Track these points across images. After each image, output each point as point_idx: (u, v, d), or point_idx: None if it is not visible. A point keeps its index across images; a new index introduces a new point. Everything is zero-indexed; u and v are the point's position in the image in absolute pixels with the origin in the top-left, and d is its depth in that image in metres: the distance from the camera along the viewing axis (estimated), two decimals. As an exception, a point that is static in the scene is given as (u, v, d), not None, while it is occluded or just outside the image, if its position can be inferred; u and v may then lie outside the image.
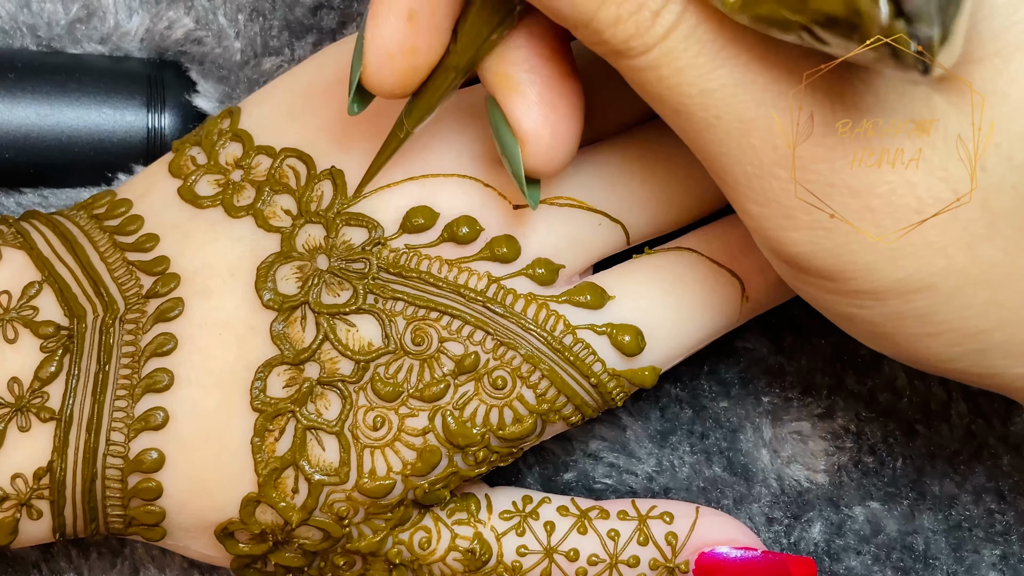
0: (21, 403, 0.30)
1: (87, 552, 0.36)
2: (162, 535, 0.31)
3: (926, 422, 0.36)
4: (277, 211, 0.32)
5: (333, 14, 0.38)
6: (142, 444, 0.30)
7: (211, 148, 0.33)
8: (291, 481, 0.30)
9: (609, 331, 0.31)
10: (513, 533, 0.33)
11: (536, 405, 0.31)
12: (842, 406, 0.37)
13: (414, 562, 0.32)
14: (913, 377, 0.36)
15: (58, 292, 0.31)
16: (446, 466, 0.31)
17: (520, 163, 0.29)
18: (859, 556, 0.36)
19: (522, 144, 0.28)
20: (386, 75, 0.28)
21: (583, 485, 0.36)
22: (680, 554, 0.33)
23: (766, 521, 0.36)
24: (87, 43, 0.38)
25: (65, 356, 0.30)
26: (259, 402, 0.30)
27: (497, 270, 0.31)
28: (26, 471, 0.30)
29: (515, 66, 0.28)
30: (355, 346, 0.30)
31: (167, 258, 0.31)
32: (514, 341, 0.31)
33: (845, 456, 0.36)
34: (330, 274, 0.31)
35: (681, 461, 0.36)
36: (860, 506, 0.36)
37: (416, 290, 0.31)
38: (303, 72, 0.34)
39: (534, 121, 0.28)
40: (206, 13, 0.38)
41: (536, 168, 0.29)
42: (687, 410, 0.37)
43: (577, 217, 0.32)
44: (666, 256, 0.33)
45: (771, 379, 0.37)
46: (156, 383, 0.30)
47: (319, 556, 0.32)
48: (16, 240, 0.32)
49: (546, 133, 0.28)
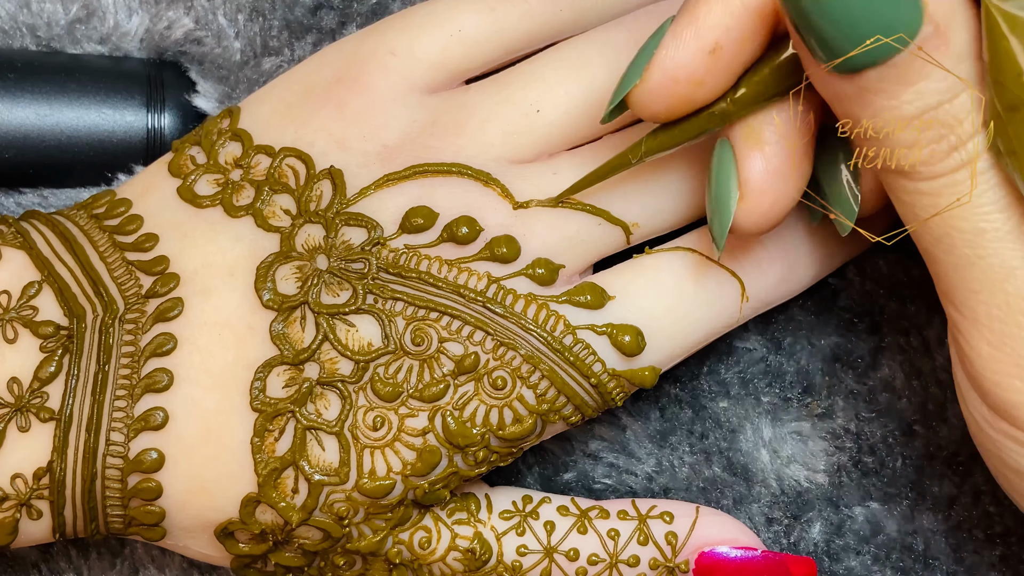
0: (21, 403, 0.30)
1: (87, 552, 0.36)
2: (162, 535, 0.31)
3: (925, 422, 0.36)
4: (276, 211, 0.32)
5: (333, 14, 0.38)
6: (142, 444, 0.30)
7: (211, 148, 0.33)
8: (291, 481, 0.30)
9: (609, 331, 0.31)
10: (513, 533, 0.33)
11: (536, 405, 0.31)
12: (842, 406, 0.37)
13: (414, 562, 0.32)
14: (912, 377, 0.36)
15: (58, 292, 0.31)
16: (446, 466, 0.31)
17: (731, 213, 0.29)
18: (859, 556, 0.36)
19: (742, 198, 0.29)
20: (662, 99, 0.28)
21: (583, 485, 0.36)
22: (680, 554, 0.33)
23: (766, 521, 0.36)
24: (87, 43, 0.38)
25: (65, 356, 0.30)
26: (259, 402, 0.30)
27: (497, 270, 0.31)
28: (26, 471, 0.30)
29: (769, 127, 0.28)
30: (355, 346, 0.30)
31: (166, 258, 0.31)
32: (514, 341, 0.31)
33: (845, 456, 0.36)
34: (330, 274, 0.31)
35: (681, 461, 0.36)
36: (860, 506, 0.36)
37: (416, 290, 0.31)
38: (303, 72, 0.34)
39: (764, 183, 0.29)
40: (206, 13, 0.38)
41: (742, 224, 0.29)
42: (687, 410, 0.37)
43: (577, 217, 0.32)
44: (666, 256, 0.33)
45: (771, 379, 0.37)
46: (156, 383, 0.30)
47: (319, 556, 0.32)
48: (16, 240, 0.32)
49: (768, 199, 0.29)
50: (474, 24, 0.33)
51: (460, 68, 0.33)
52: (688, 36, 0.27)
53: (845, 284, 0.37)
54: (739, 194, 0.29)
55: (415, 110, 0.33)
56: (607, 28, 0.34)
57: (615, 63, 0.33)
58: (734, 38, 0.27)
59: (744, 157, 0.29)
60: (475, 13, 0.33)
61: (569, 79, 0.33)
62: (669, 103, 0.28)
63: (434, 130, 0.32)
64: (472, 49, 0.33)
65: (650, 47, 0.28)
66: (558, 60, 0.33)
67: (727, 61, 0.27)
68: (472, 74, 0.34)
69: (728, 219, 0.29)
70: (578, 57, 0.33)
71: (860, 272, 0.37)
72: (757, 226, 0.29)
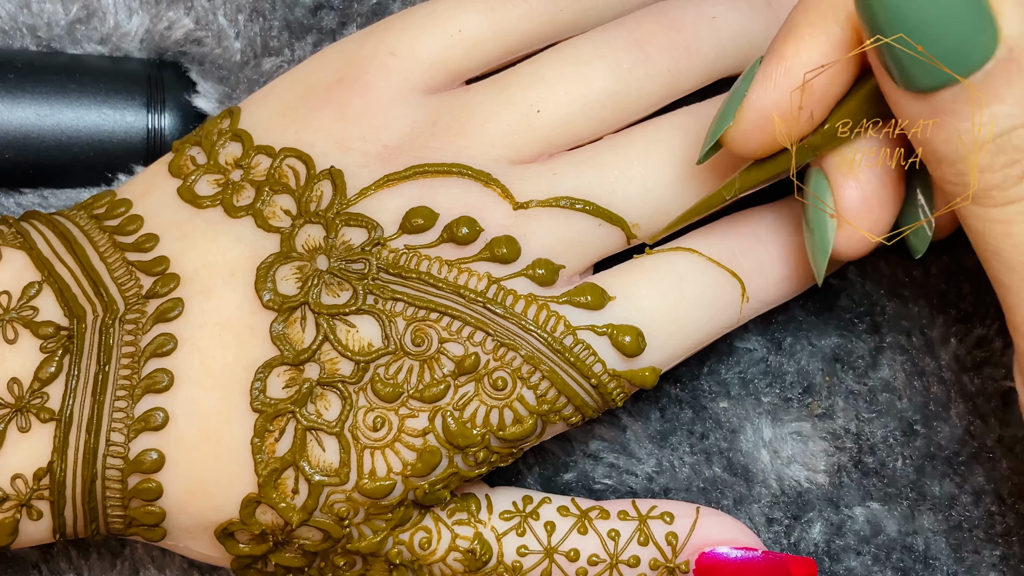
0: (21, 404, 0.30)
1: (87, 553, 0.36)
2: (162, 535, 0.31)
3: (926, 422, 0.36)
4: (277, 211, 0.32)
5: (333, 14, 0.38)
6: (142, 444, 0.30)
7: (211, 148, 0.33)
8: (291, 482, 0.30)
9: (609, 332, 0.31)
10: (513, 533, 0.33)
11: (536, 406, 0.31)
12: (842, 406, 0.37)
13: (414, 562, 0.32)
14: (912, 377, 0.36)
15: (58, 292, 0.31)
16: (446, 467, 0.31)
17: (830, 240, 0.30)
18: (859, 556, 0.36)
19: (840, 225, 0.29)
20: (756, 137, 0.29)
21: (583, 485, 0.36)
22: (680, 554, 0.33)
23: (766, 521, 0.36)
24: (87, 43, 0.38)
25: (65, 356, 0.30)
26: (259, 403, 0.30)
27: (497, 271, 0.31)
28: (26, 472, 0.30)
29: (860, 155, 0.29)
30: (355, 347, 0.30)
31: (167, 258, 0.31)
32: (514, 342, 0.31)
33: (845, 456, 0.36)
34: (330, 274, 0.31)
35: (681, 461, 0.36)
36: (860, 506, 0.36)
37: (416, 291, 0.31)
38: (303, 72, 0.34)
39: (860, 210, 0.29)
40: (206, 13, 0.38)
41: (842, 251, 0.30)
42: (687, 410, 0.37)
43: (577, 218, 0.32)
44: (666, 256, 0.33)
45: (771, 379, 0.37)
46: (156, 383, 0.30)
47: (319, 556, 0.32)
48: (16, 240, 0.32)
49: (866, 225, 0.29)
50: (474, 24, 0.33)
51: (460, 68, 0.33)
52: (777, 75, 0.28)
53: (845, 284, 0.37)
54: (836, 222, 0.29)
55: (415, 110, 0.33)
56: (607, 28, 0.34)
57: (615, 63, 0.33)
58: (823, 76, 0.28)
59: (838, 185, 0.29)
60: (476, 13, 0.33)
61: (569, 80, 0.33)
62: (763, 142, 0.29)
63: (434, 130, 0.32)
64: (472, 49, 0.33)
65: (741, 89, 0.29)
66: (558, 60, 0.33)
67: (818, 98, 0.28)
68: (472, 74, 0.34)
69: (828, 247, 0.30)
70: (578, 57, 0.33)
71: (860, 272, 0.37)
72: (856, 252, 0.30)
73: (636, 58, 0.33)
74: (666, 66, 0.33)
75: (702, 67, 0.34)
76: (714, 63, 0.34)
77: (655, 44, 0.33)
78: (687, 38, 0.34)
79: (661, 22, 0.34)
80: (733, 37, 0.34)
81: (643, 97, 0.33)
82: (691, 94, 0.35)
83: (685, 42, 0.33)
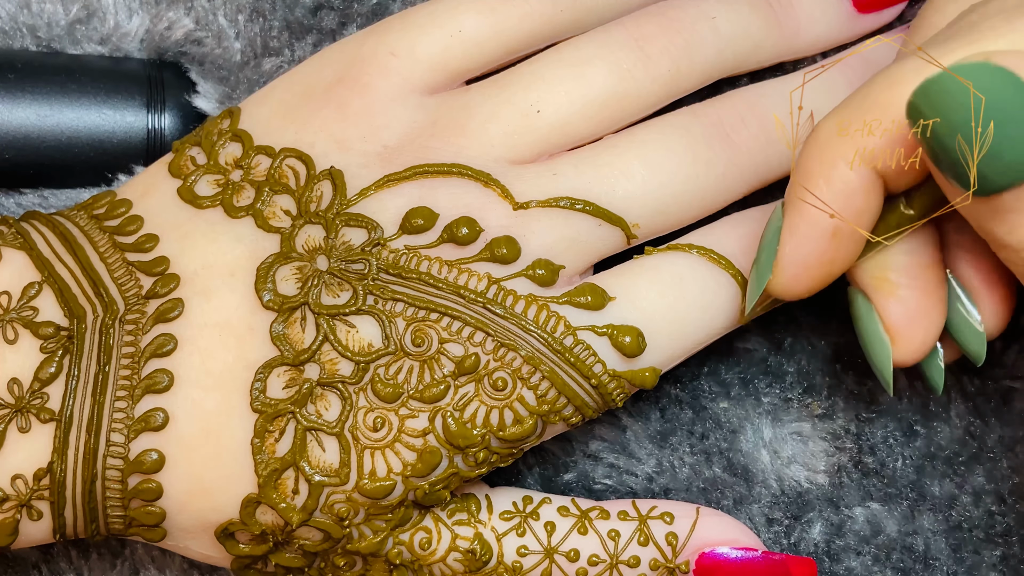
0: (21, 404, 0.30)
1: (87, 553, 0.36)
2: (162, 536, 0.31)
3: (926, 422, 0.36)
4: (277, 211, 0.32)
5: (333, 14, 0.38)
6: (142, 445, 0.30)
7: (211, 148, 0.33)
8: (291, 482, 0.30)
9: (610, 332, 0.31)
10: (513, 533, 0.33)
11: (536, 406, 0.31)
12: (842, 406, 0.37)
13: (414, 563, 0.32)
14: (913, 377, 0.36)
15: (58, 293, 0.31)
16: (446, 467, 0.31)
17: (889, 358, 0.31)
18: (859, 557, 0.36)
19: (894, 342, 0.30)
20: (801, 284, 0.30)
21: (583, 486, 0.36)
22: (680, 554, 0.33)
23: (766, 522, 0.36)
24: (87, 44, 0.38)
25: (65, 357, 0.30)
26: (259, 403, 0.30)
27: (497, 271, 0.31)
28: (26, 472, 0.30)
29: (896, 272, 0.30)
30: (355, 347, 0.30)
31: (167, 258, 0.31)
32: (514, 342, 0.31)
33: (845, 456, 0.36)
34: (330, 275, 0.31)
35: (681, 462, 0.36)
36: (860, 507, 0.36)
37: (416, 291, 0.31)
38: (303, 72, 0.34)
39: (908, 325, 0.30)
40: (206, 14, 0.38)
41: (902, 362, 0.31)
42: (687, 411, 0.37)
43: (577, 218, 0.32)
44: (666, 256, 0.33)
45: (771, 379, 0.37)
46: (156, 384, 0.30)
47: (319, 557, 0.32)
48: (16, 240, 0.32)
49: (918, 336, 0.30)
50: (474, 25, 0.33)
51: (460, 69, 0.33)
52: (804, 229, 0.29)
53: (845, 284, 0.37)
54: (891, 340, 0.30)
55: (415, 111, 0.33)
56: (607, 28, 0.34)
57: (615, 63, 0.33)
58: (850, 215, 0.28)
59: (882, 306, 0.30)
60: (476, 14, 0.33)
61: (569, 80, 0.33)
62: (811, 285, 0.30)
63: (434, 131, 0.32)
64: (472, 50, 0.33)
65: (771, 242, 0.30)
66: (558, 61, 0.33)
67: (849, 234, 0.29)
68: (472, 74, 0.34)
69: (888, 363, 0.30)
70: (578, 57, 0.33)
71: (860, 272, 0.37)
72: (915, 359, 0.31)
73: (636, 58, 0.33)
74: (666, 66, 0.33)
75: (702, 67, 0.34)
76: (714, 63, 0.34)
77: (655, 44, 0.33)
78: (687, 38, 0.34)
79: (661, 22, 0.34)
80: (733, 37, 0.34)
81: (643, 97, 0.33)
82: (691, 94, 0.35)
83: (685, 42, 0.33)
